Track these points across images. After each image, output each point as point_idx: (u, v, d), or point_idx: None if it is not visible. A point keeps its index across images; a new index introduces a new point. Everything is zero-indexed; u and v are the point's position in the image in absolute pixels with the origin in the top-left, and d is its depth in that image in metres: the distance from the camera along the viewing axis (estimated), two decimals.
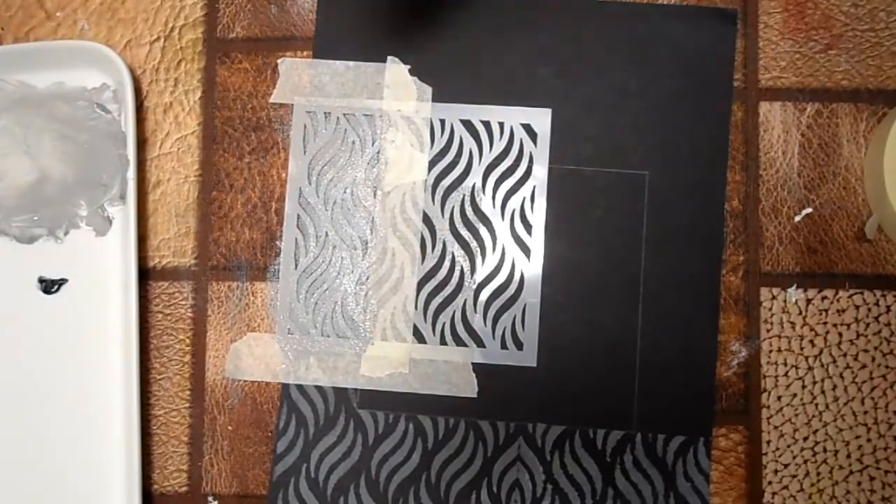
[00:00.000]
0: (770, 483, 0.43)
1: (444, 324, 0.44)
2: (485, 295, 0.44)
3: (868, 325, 0.43)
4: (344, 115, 0.45)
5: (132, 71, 0.45)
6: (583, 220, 0.44)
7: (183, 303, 0.45)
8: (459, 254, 0.44)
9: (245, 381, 0.44)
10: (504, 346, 0.44)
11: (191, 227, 0.45)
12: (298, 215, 0.45)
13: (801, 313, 0.44)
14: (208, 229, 0.45)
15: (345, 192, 0.45)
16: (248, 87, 0.46)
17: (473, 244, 0.44)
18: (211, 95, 0.46)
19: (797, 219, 0.44)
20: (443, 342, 0.44)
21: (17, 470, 0.44)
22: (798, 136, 0.44)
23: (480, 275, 0.44)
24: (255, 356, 0.44)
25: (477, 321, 0.44)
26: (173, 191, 0.46)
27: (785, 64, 0.45)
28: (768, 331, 0.43)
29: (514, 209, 0.44)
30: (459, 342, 0.44)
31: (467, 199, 0.44)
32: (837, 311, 0.43)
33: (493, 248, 0.44)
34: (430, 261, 0.44)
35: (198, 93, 0.46)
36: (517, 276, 0.44)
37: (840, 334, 0.43)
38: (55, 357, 0.44)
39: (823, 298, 0.44)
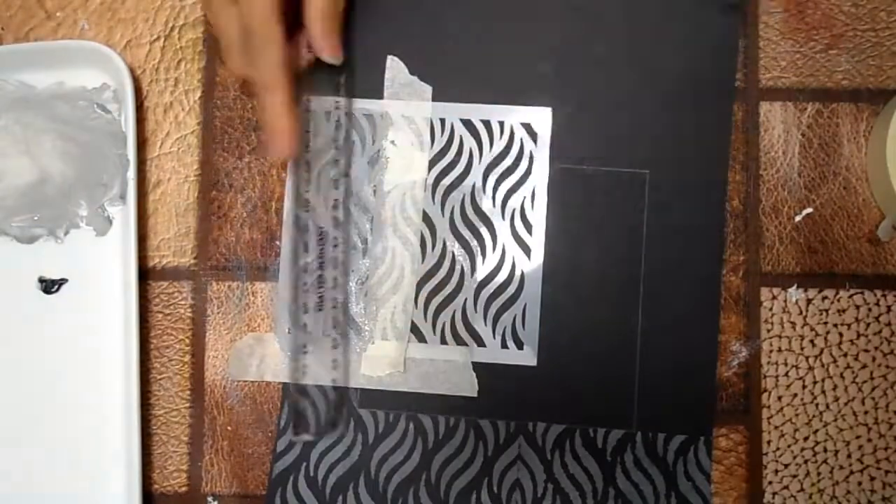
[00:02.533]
0: (770, 483, 0.43)
1: (444, 323, 0.44)
2: (485, 294, 0.44)
3: (868, 325, 0.43)
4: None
5: (132, 71, 0.45)
6: (583, 220, 0.44)
7: (183, 303, 0.45)
8: (460, 253, 0.44)
9: (245, 381, 0.44)
10: (504, 345, 0.44)
11: (191, 227, 0.45)
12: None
13: (801, 313, 0.43)
14: (208, 229, 0.45)
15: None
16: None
17: (474, 243, 0.44)
18: (211, 95, 0.46)
19: (797, 219, 0.44)
20: (443, 341, 0.44)
21: (16, 470, 0.44)
22: (798, 136, 0.44)
23: (481, 274, 0.44)
24: (256, 356, 0.44)
25: (477, 320, 0.44)
26: (173, 191, 0.46)
27: (785, 64, 0.45)
28: (769, 331, 0.43)
29: (514, 208, 0.44)
30: (460, 341, 0.44)
31: (467, 198, 0.44)
32: (838, 311, 0.43)
33: (494, 248, 0.44)
34: (431, 260, 0.44)
35: (198, 92, 0.46)
36: (517, 276, 0.44)
37: (840, 334, 0.43)
38: (55, 357, 0.44)
39: (824, 298, 0.43)
